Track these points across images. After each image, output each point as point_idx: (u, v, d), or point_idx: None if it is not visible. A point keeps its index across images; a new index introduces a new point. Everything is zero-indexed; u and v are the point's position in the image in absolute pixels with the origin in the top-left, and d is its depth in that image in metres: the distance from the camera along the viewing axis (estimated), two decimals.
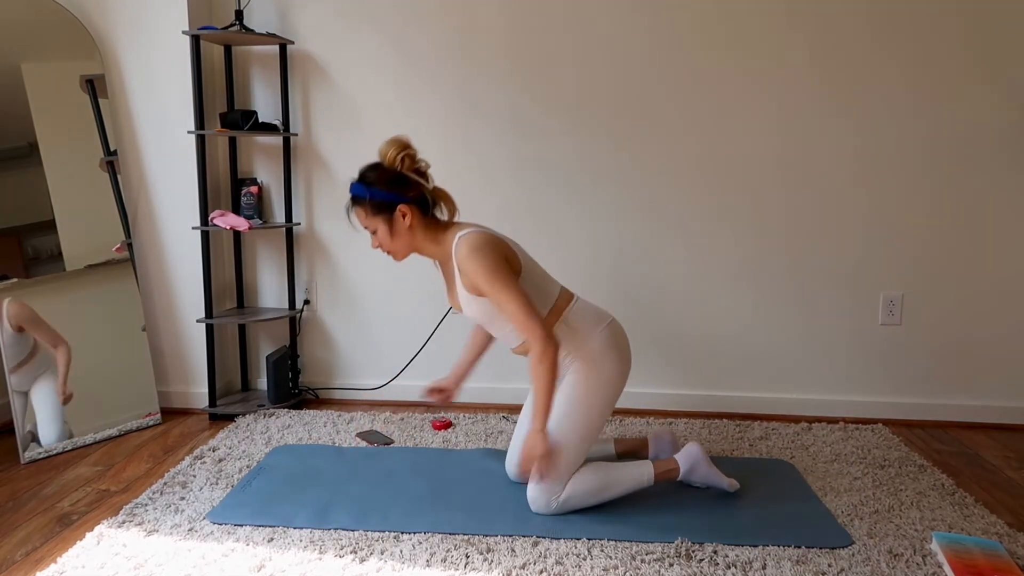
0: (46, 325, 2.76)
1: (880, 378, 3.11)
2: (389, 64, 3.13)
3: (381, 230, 2.15)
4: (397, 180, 2.11)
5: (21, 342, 2.70)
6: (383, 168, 2.13)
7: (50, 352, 2.76)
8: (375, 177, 2.12)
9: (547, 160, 3.13)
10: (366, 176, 2.14)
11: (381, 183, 2.11)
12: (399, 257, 2.20)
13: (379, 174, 2.12)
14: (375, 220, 2.14)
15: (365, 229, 2.18)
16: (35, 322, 2.73)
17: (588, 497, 2.15)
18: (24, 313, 2.71)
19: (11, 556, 1.98)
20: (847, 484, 2.39)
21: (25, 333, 2.71)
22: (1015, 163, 2.96)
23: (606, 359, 2.15)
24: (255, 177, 3.24)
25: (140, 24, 3.01)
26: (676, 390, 3.20)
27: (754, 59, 3.00)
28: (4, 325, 2.66)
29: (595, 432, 2.15)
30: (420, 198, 2.14)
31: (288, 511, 2.18)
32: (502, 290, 2.03)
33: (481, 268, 2.04)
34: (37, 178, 2.84)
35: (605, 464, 2.21)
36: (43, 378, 2.74)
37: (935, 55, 2.93)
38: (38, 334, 2.74)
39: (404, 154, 2.11)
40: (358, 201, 2.15)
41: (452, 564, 1.90)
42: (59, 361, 2.78)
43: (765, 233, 3.09)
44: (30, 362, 2.71)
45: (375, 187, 2.11)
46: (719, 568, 1.88)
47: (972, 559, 1.87)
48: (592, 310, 2.22)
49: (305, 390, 3.33)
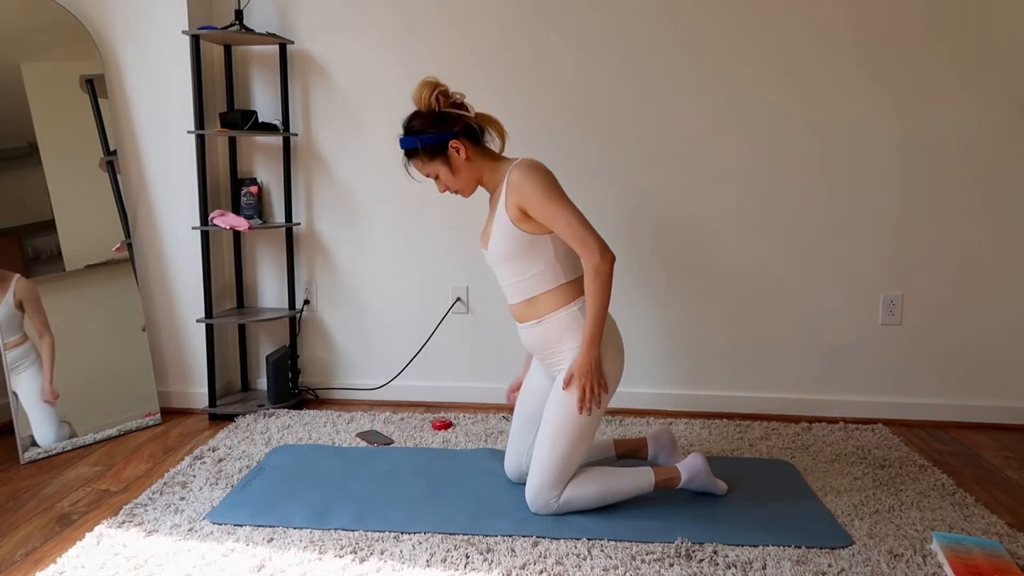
0: (43, 311, 2.76)
1: (880, 378, 3.11)
2: (389, 64, 3.13)
3: (443, 172, 2.18)
4: (440, 119, 2.13)
5: (14, 320, 2.69)
6: (422, 113, 2.15)
7: (36, 341, 2.74)
8: (420, 124, 2.15)
9: (548, 158, 3.11)
10: (412, 126, 2.16)
11: (427, 127, 2.14)
12: (467, 193, 2.23)
13: (422, 120, 2.15)
14: (434, 165, 2.17)
15: (427, 177, 2.21)
16: (34, 303, 2.73)
17: (588, 501, 2.14)
18: (29, 292, 2.72)
19: (11, 556, 1.98)
20: (847, 484, 2.39)
21: (22, 314, 2.71)
22: (1016, 163, 2.96)
23: (605, 355, 2.14)
24: (255, 177, 3.24)
25: (140, 24, 3.01)
26: (676, 390, 3.20)
27: (754, 58, 3.00)
28: (8, 297, 2.66)
29: (591, 431, 2.14)
30: (467, 129, 2.16)
31: (288, 511, 2.18)
32: (558, 202, 2.06)
33: (540, 183, 2.07)
34: (37, 178, 2.84)
35: (607, 470, 2.21)
36: (28, 374, 2.71)
37: (935, 55, 2.93)
38: (33, 316, 2.73)
39: (437, 92, 2.13)
40: (412, 153, 2.18)
41: (452, 564, 1.90)
42: (44, 353, 2.76)
43: (765, 233, 3.09)
44: (19, 348, 2.70)
45: (423, 133, 2.14)
46: (719, 568, 1.88)
47: (972, 559, 1.87)
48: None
49: (305, 390, 3.33)
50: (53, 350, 2.78)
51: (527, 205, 2.07)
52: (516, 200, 2.09)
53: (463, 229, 3.18)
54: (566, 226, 2.05)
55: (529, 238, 2.11)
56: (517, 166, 2.11)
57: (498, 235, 2.16)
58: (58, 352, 2.78)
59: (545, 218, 2.07)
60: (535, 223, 2.10)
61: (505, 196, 2.12)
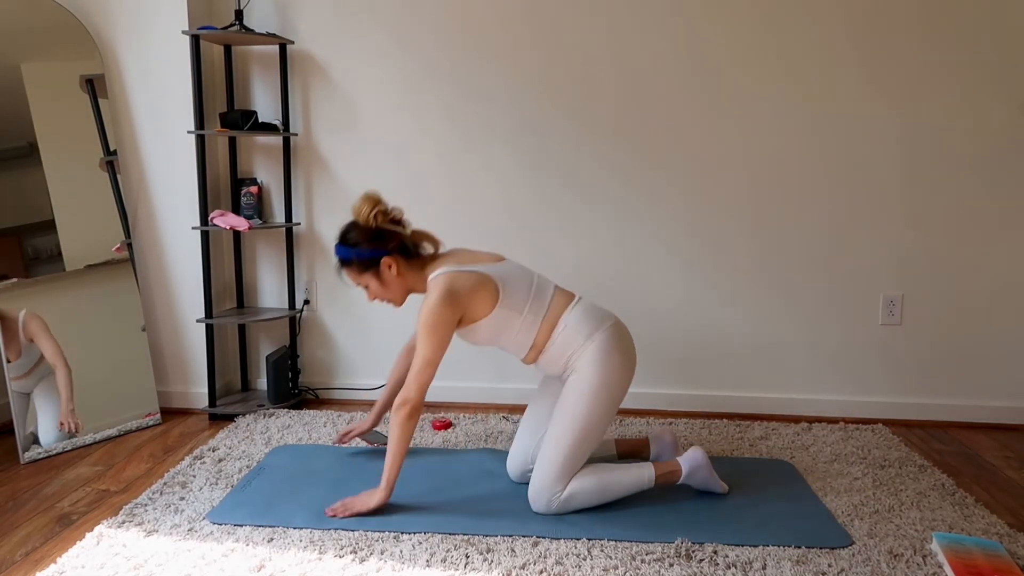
0: (52, 341, 2.76)
1: (880, 378, 3.11)
2: (389, 64, 3.13)
3: (372, 284, 2.24)
4: (376, 235, 2.20)
5: (29, 351, 2.71)
6: (360, 226, 2.20)
7: (55, 364, 2.76)
8: (356, 236, 2.21)
9: (549, 158, 3.13)
10: (347, 238, 2.22)
11: (363, 241, 2.20)
12: (398, 304, 2.29)
13: (358, 233, 2.21)
14: (365, 277, 2.23)
15: (357, 286, 2.27)
16: (42, 335, 2.74)
17: (589, 497, 2.15)
18: (35, 325, 2.73)
19: (11, 556, 1.98)
20: (847, 484, 2.39)
21: (33, 344, 2.72)
22: (1016, 163, 2.96)
23: (610, 360, 2.15)
24: (255, 177, 3.24)
25: (140, 24, 3.01)
26: (676, 390, 3.20)
27: (753, 60, 3.00)
28: (21, 341, 2.68)
29: (597, 433, 2.15)
30: (401, 246, 2.22)
31: (288, 511, 2.18)
32: (427, 342, 2.08)
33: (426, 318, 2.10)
34: (37, 178, 2.84)
35: (606, 465, 2.22)
36: (47, 380, 2.74)
37: (935, 56, 2.93)
38: (44, 347, 2.73)
39: (376, 210, 2.19)
40: (345, 262, 2.24)
41: (452, 564, 1.90)
42: (60, 384, 2.76)
43: (765, 233, 3.09)
44: (36, 368, 2.72)
45: (358, 247, 2.20)
46: (719, 568, 1.88)
47: (972, 559, 1.87)
48: (595, 312, 2.22)
49: (305, 390, 3.33)
50: (70, 380, 2.79)
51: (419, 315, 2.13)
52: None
53: (463, 229, 3.18)
54: (420, 356, 2.09)
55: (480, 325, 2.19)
56: (433, 284, 2.15)
57: (466, 335, 2.24)
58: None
59: (418, 334, 2.11)
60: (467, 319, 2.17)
61: None
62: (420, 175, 3.18)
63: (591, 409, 2.14)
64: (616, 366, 2.16)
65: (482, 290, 2.15)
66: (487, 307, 2.16)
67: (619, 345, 2.18)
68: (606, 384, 2.14)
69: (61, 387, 2.76)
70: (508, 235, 3.16)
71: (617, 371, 2.16)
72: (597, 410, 2.14)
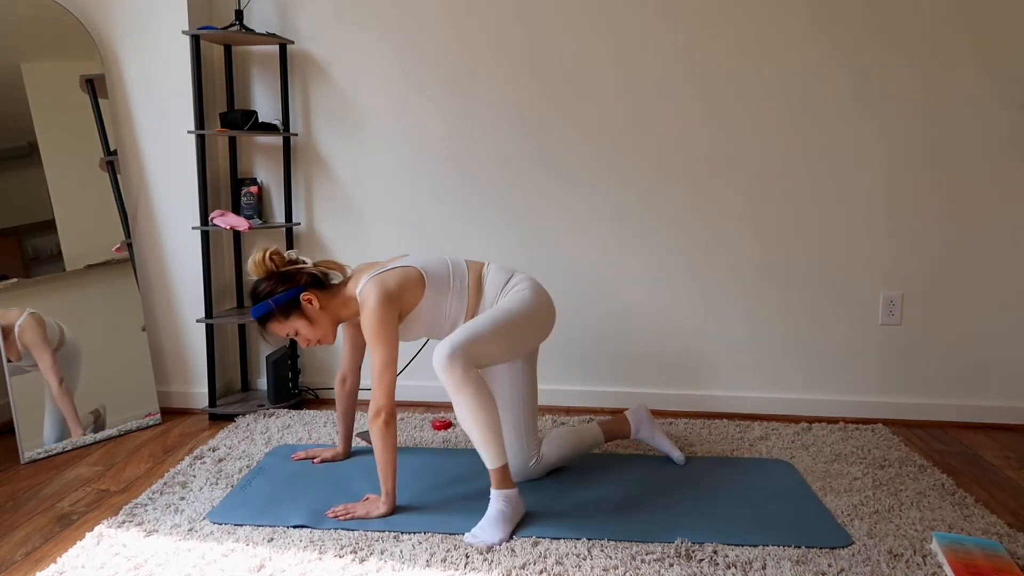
0: (47, 353, 2.73)
1: (880, 378, 3.11)
2: (389, 64, 3.13)
3: (302, 327, 2.23)
4: (284, 277, 2.22)
5: (29, 355, 2.71)
6: (264, 278, 2.23)
7: (47, 380, 2.73)
8: (266, 287, 2.22)
9: (548, 158, 3.13)
10: (259, 291, 2.23)
11: (275, 288, 2.21)
12: (331, 340, 2.29)
13: (266, 283, 2.22)
14: (291, 322, 2.23)
15: (287, 338, 2.28)
16: (37, 347, 2.71)
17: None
18: (27, 336, 2.70)
19: (11, 556, 1.98)
20: (847, 484, 2.39)
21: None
22: (1016, 163, 2.96)
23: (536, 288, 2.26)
24: (255, 177, 3.24)
25: (140, 24, 3.01)
26: (676, 390, 3.20)
27: (752, 60, 3.00)
28: (17, 346, 2.68)
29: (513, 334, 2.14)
30: (313, 279, 2.24)
31: (288, 511, 2.18)
32: (379, 346, 2.09)
33: (370, 323, 2.10)
34: (37, 178, 2.84)
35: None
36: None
37: (936, 56, 2.93)
38: (38, 360, 2.71)
39: (269, 253, 2.22)
40: (266, 319, 2.23)
41: (452, 564, 1.90)
42: (62, 406, 2.73)
43: (765, 233, 3.09)
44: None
45: (273, 294, 2.21)
46: (719, 568, 1.88)
47: (972, 559, 1.87)
48: (504, 268, 2.33)
49: (305, 390, 3.33)
50: (69, 396, 2.77)
51: (362, 326, 2.14)
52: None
53: (462, 228, 3.18)
54: (374, 362, 2.10)
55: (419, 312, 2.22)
56: (364, 295, 2.15)
57: (405, 330, 2.25)
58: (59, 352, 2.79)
59: (368, 343, 2.12)
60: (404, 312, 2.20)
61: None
62: (420, 175, 3.18)
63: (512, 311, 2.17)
64: (542, 296, 2.25)
65: (408, 280, 2.18)
66: (418, 293, 2.20)
67: (539, 285, 2.28)
68: (531, 304, 2.20)
69: (64, 409, 2.74)
70: (508, 235, 3.16)
71: (544, 303, 2.24)
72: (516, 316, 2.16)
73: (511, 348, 2.16)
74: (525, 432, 2.34)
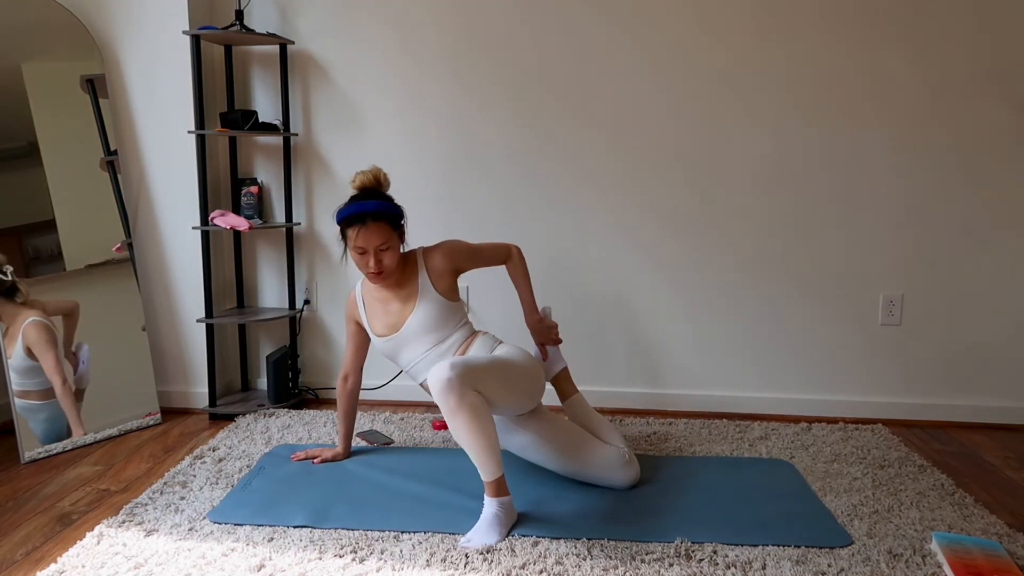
0: (52, 354, 2.73)
1: (880, 378, 3.11)
2: (389, 64, 3.13)
3: (395, 245, 2.23)
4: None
5: (34, 371, 2.70)
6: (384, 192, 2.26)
7: (51, 380, 2.73)
8: (386, 193, 2.23)
9: (549, 158, 3.13)
10: (380, 192, 2.22)
11: (390, 198, 2.23)
12: (393, 275, 2.28)
13: (385, 191, 2.25)
14: (396, 236, 2.24)
15: (379, 248, 2.20)
16: (42, 345, 2.71)
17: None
18: (33, 335, 2.70)
19: (11, 556, 1.98)
20: (847, 484, 2.39)
21: (38, 363, 2.71)
22: (1015, 163, 2.96)
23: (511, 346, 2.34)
24: (255, 177, 3.24)
25: (140, 24, 3.02)
26: (676, 390, 3.20)
27: (752, 60, 3.00)
28: (18, 348, 2.67)
29: (505, 373, 2.15)
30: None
31: (288, 511, 2.18)
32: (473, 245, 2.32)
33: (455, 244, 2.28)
34: (37, 178, 2.85)
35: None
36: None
37: (936, 57, 2.93)
38: (42, 360, 2.72)
39: (384, 173, 2.25)
40: (381, 217, 2.18)
41: (452, 564, 1.90)
42: (62, 404, 2.73)
43: (765, 233, 3.09)
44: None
45: (392, 201, 2.21)
46: (719, 568, 1.88)
47: (972, 559, 1.87)
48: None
49: (305, 390, 3.33)
50: (72, 396, 2.77)
51: (461, 263, 2.26)
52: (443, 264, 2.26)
53: (462, 229, 3.18)
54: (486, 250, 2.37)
55: (451, 306, 2.31)
56: (428, 250, 2.27)
57: (427, 306, 2.26)
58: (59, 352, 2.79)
59: (473, 260, 2.33)
60: (455, 289, 2.33)
61: (425, 276, 2.27)
62: (420, 175, 3.18)
63: (506, 353, 2.24)
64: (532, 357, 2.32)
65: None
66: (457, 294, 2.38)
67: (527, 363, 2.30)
68: (523, 354, 2.28)
69: (64, 407, 2.74)
70: (508, 235, 3.16)
71: (536, 362, 2.31)
72: (510, 357, 2.22)
73: (505, 385, 2.13)
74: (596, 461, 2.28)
